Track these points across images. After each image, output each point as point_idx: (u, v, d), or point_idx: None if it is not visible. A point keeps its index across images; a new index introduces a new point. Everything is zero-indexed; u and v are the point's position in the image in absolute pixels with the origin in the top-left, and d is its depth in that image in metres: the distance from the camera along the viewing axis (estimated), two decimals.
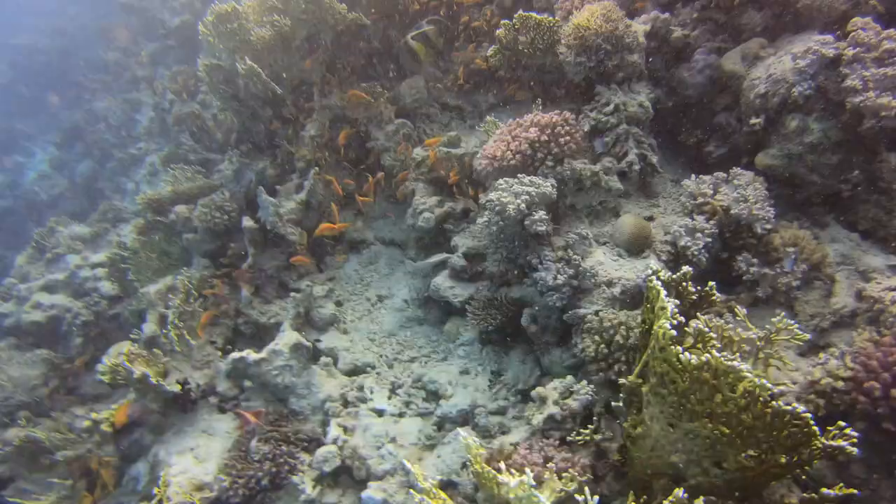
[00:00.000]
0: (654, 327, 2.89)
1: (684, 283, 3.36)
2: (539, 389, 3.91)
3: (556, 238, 4.29)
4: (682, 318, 2.88)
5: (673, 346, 2.75)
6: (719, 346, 3.04)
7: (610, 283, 4.09)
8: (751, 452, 2.66)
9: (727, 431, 2.66)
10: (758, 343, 3.13)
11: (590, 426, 3.60)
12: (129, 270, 6.77)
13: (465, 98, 6.85)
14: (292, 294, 5.49)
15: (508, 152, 4.22)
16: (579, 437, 3.58)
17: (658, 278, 3.14)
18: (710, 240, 3.85)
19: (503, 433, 4.45)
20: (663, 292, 2.96)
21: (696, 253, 3.85)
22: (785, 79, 3.99)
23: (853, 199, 4.14)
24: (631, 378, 3.14)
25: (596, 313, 4.02)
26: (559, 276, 4.04)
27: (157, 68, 11.65)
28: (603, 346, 3.79)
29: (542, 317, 4.56)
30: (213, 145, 8.61)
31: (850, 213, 4.19)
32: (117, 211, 9.49)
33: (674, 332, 2.75)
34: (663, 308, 2.92)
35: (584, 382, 3.78)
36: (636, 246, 4.25)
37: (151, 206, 6.68)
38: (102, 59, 13.68)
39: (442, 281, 5.43)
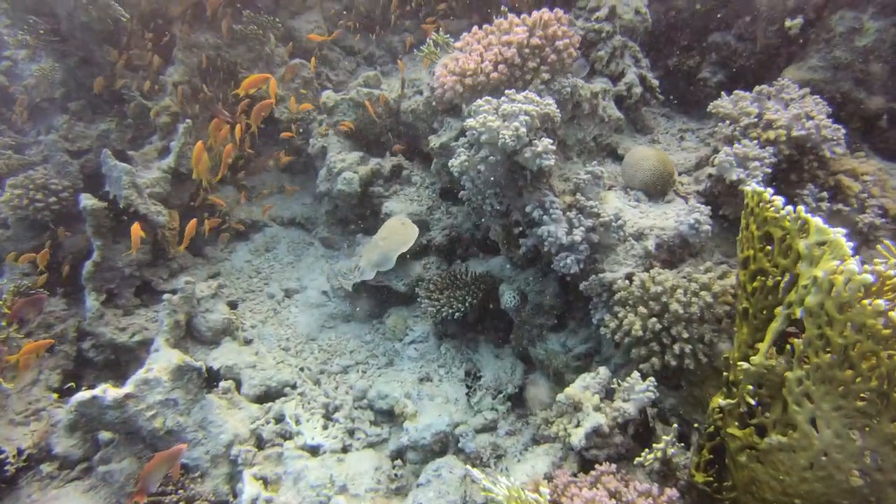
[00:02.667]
0: (815, 274, 1.80)
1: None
2: (569, 391, 2.72)
3: (555, 182, 3.12)
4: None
5: (868, 303, 1.68)
6: None
7: (639, 236, 2.99)
8: None
9: None
10: None
11: (664, 437, 2.46)
12: None
13: (375, 40, 5.50)
14: (165, 297, 3.84)
15: (486, 63, 2.98)
16: (650, 455, 2.44)
17: (772, 200, 2.06)
18: (769, 170, 2.88)
19: (498, 458, 3.22)
20: (817, 220, 1.88)
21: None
22: None
23: (894, 123, 3.39)
24: (756, 359, 2.04)
25: (628, 277, 2.90)
26: (574, 228, 2.87)
27: None
28: (654, 319, 2.68)
29: (535, 292, 3.38)
30: (24, 124, 6.45)
31: (889, 141, 3.44)
32: None
33: (869, 278, 1.68)
34: (825, 243, 1.85)
35: (636, 375, 2.64)
36: (659, 186, 3.19)
37: None
38: None
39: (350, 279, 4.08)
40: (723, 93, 3.21)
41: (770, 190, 2.11)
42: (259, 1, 5.03)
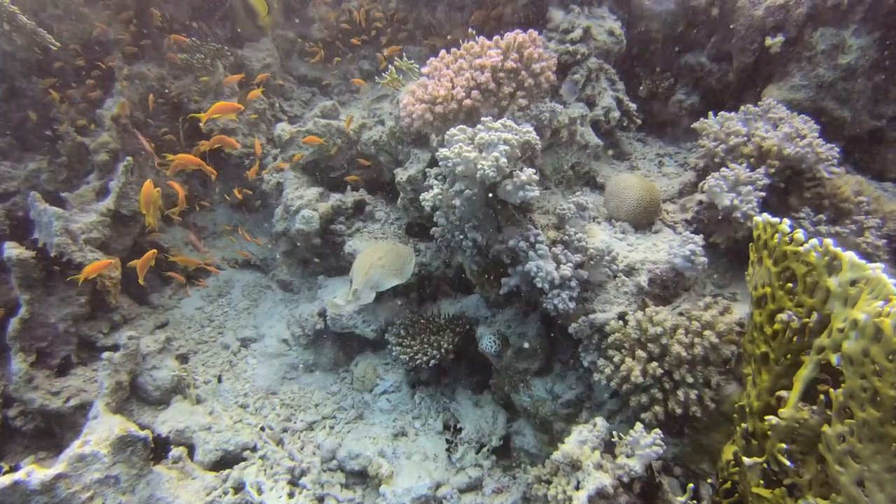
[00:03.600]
0: (854, 317, 1.59)
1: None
2: (566, 449, 2.44)
3: (535, 215, 2.88)
4: None
5: None
6: None
7: (630, 271, 2.77)
8: None
9: None
10: None
11: (678, 499, 2.20)
12: None
13: (331, 68, 5.25)
14: (105, 356, 3.42)
15: (458, 90, 2.75)
16: None
17: (801, 234, 1.86)
18: (763, 194, 2.72)
19: None
20: (851, 254, 1.68)
21: (750, 212, 2.68)
22: None
23: (876, 141, 3.30)
24: (786, 412, 1.81)
25: (621, 317, 2.66)
26: (563, 265, 2.63)
27: None
28: (654, 364, 2.44)
29: (516, 334, 3.12)
30: None
31: (873, 160, 3.35)
32: None
33: None
34: (862, 280, 1.64)
35: (640, 427, 2.38)
36: (646, 216, 3.00)
37: None
38: None
39: (342, 304, 3.75)
40: (710, 114, 3.05)
41: (787, 221, 1.91)
42: (217, 29, 4.73)
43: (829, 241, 1.73)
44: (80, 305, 3.82)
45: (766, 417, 1.86)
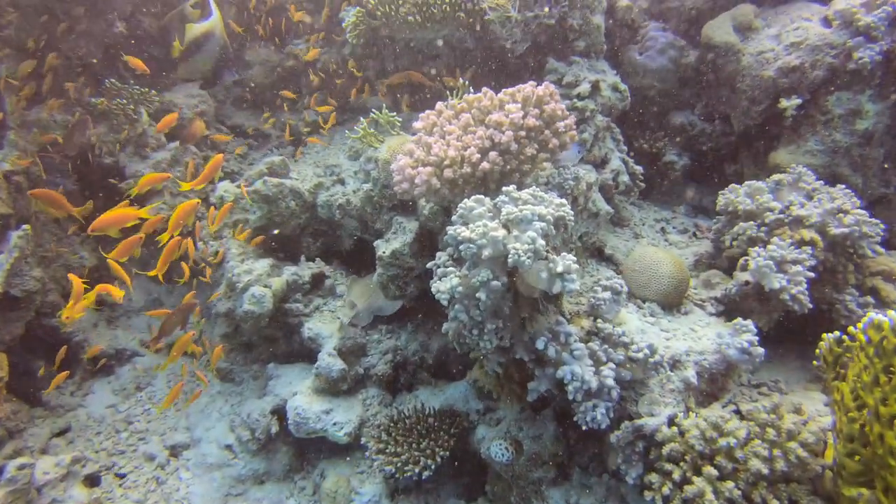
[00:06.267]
0: None
1: None
2: None
3: (563, 302, 2.43)
4: None
5: None
6: None
7: (674, 364, 2.36)
8: None
9: None
10: None
11: None
12: None
13: (269, 117, 4.66)
14: None
15: (471, 150, 2.28)
16: None
17: None
18: (813, 275, 2.42)
19: None
20: None
21: (799, 296, 2.37)
22: (829, 44, 2.86)
23: (883, 207, 3.17)
24: None
25: (672, 422, 2.24)
26: (601, 366, 2.17)
27: None
28: (730, 484, 2.01)
29: (530, 438, 2.61)
30: None
31: None
32: None
33: None
34: None
35: None
36: (677, 295, 2.62)
37: None
38: None
39: (307, 402, 3.10)
40: (734, 187, 2.76)
41: None
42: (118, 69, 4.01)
43: None
44: None
45: None
